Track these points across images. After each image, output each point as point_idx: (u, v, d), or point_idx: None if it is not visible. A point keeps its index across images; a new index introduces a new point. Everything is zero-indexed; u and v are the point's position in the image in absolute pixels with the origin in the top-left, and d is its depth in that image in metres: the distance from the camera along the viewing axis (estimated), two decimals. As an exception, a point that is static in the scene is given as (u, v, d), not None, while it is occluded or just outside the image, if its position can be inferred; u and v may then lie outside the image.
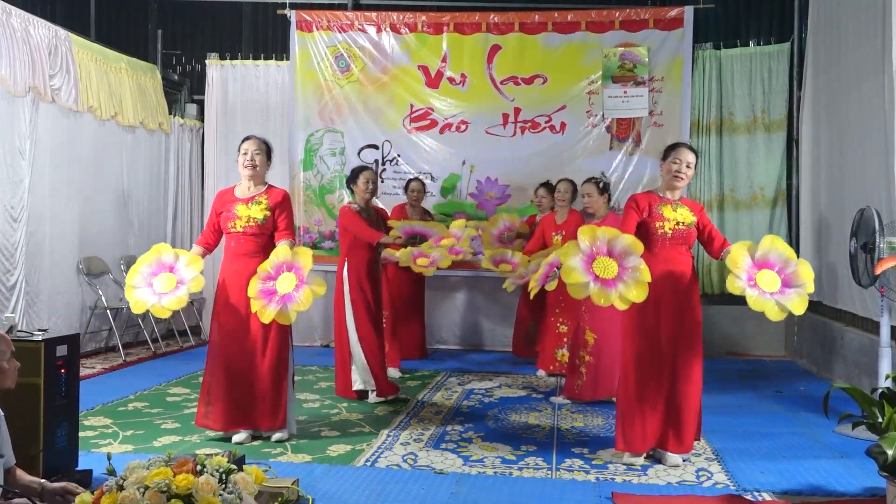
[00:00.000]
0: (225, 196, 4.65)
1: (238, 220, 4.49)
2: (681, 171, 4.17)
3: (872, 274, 4.76)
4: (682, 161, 4.17)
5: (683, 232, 4.15)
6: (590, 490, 3.73)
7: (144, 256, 4.38)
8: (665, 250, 4.14)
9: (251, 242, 4.50)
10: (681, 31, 7.77)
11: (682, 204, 4.22)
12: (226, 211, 4.55)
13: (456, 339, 8.09)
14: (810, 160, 7.34)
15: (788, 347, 7.72)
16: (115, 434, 4.64)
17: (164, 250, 4.39)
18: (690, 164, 4.19)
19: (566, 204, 6.48)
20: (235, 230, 4.50)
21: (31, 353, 3.45)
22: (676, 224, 4.14)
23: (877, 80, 5.56)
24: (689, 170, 4.19)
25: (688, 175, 4.20)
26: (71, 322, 6.93)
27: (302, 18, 8.20)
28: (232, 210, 4.53)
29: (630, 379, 4.15)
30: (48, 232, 6.67)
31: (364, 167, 5.98)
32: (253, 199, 4.54)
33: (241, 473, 2.79)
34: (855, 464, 4.12)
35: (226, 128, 8.48)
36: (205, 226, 4.74)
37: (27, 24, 6.31)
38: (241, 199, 4.56)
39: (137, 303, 4.25)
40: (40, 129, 6.51)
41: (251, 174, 4.57)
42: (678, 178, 4.18)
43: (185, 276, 4.29)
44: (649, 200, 4.19)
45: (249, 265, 4.38)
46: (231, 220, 4.51)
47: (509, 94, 8.01)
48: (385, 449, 4.38)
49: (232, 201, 4.57)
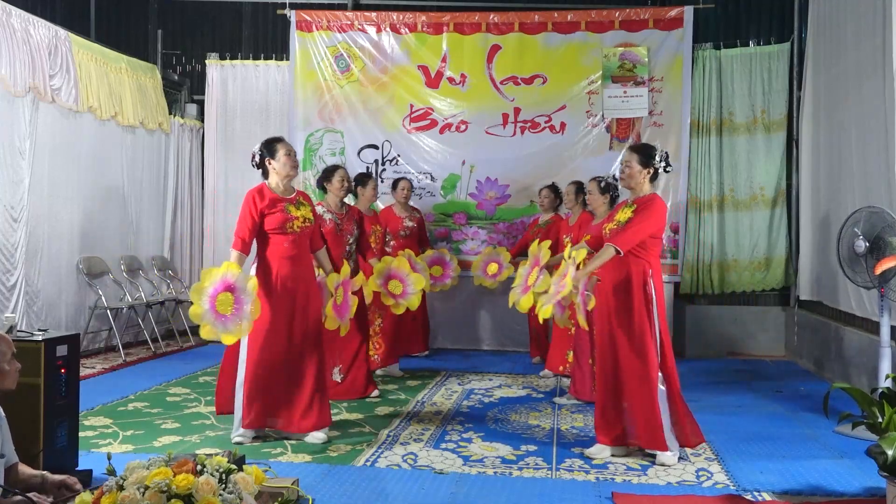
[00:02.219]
0: (266, 196, 4.46)
1: (296, 220, 4.48)
2: (622, 172, 4.35)
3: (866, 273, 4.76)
4: (624, 162, 4.36)
5: (616, 231, 4.24)
6: (590, 490, 3.73)
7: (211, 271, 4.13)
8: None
9: (306, 242, 4.55)
10: (681, 31, 7.78)
11: (634, 204, 4.27)
12: (278, 211, 4.44)
13: (456, 339, 8.09)
14: (810, 160, 7.34)
15: (788, 347, 7.72)
16: (115, 434, 4.64)
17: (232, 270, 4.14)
18: (628, 163, 4.30)
19: (573, 205, 6.49)
20: (293, 230, 4.46)
21: (31, 353, 3.45)
22: (615, 224, 4.28)
23: (877, 80, 5.56)
24: (627, 168, 4.29)
25: (627, 174, 4.29)
26: (71, 322, 6.93)
27: (302, 18, 8.20)
28: (285, 210, 4.46)
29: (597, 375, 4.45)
30: (48, 232, 6.68)
31: (337, 166, 5.95)
32: (296, 200, 4.56)
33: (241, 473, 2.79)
34: (855, 464, 4.12)
35: (226, 128, 8.48)
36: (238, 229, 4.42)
37: (27, 24, 6.31)
38: (287, 199, 4.52)
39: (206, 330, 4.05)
40: (40, 129, 6.51)
41: (295, 175, 4.59)
42: (621, 178, 4.37)
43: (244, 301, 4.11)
44: (620, 205, 4.42)
45: (310, 265, 4.54)
46: (289, 220, 4.45)
47: (509, 94, 8.01)
48: (385, 449, 4.38)
49: (279, 201, 4.48)
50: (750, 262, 7.82)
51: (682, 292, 7.88)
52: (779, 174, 7.82)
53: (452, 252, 7.68)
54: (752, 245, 7.84)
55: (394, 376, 6.46)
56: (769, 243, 7.83)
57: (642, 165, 4.24)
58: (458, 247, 8.01)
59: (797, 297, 7.60)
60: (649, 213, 4.16)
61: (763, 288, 7.87)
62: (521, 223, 7.86)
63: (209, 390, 5.87)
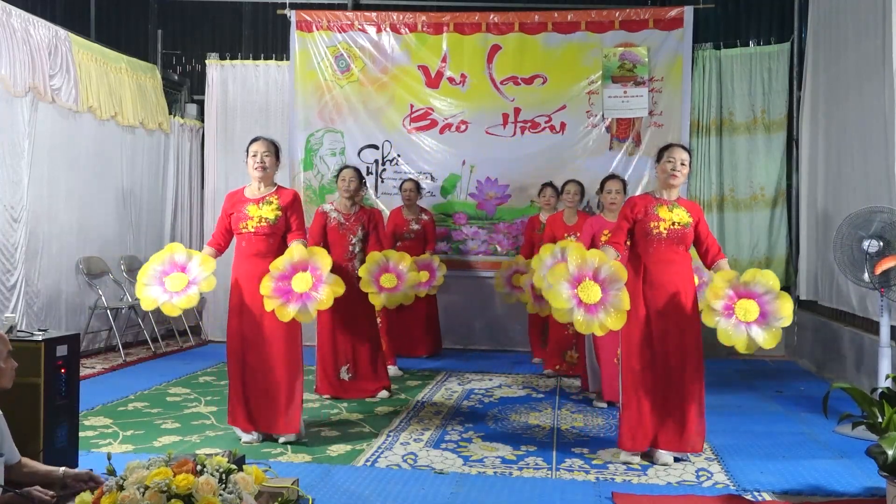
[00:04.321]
0: (235, 197, 4.64)
1: (250, 220, 4.49)
2: (676, 170, 4.19)
3: (873, 273, 4.75)
4: (676, 160, 4.20)
5: (679, 232, 4.17)
6: (590, 490, 3.73)
7: (157, 255, 4.39)
8: (661, 251, 4.17)
9: (262, 242, 4.50)
10: (681, 32, 7.77)
11: (678, 205, 4.23)
12: (237, 212, 4.55)
13: (456, 339, 8.09)
14: (810, 160, 7.34)
15: (788, 347, 7.72)
16: (115, 434, 4.64)
17: (177, 250, 4.41)
18: (685, 163, 4.21)
19: (574, 205, 6.48)
20: (247, 230, 4.50)
21: (31, 353, 3.45)
22: (672, 224, 4.16)
23: (877, 80, 5.55)
24: (683, 167, 4.21)
25: (683, 174, 4.22)
26: (71, 322, 6.93)
27: (302, 18, 8.20)
28: (243, 210, 4.52)
29: (628, 378, 4.17)
30: (48, 232, 6.67)
31: (345, 166, 6.06)
32: (263, 200, 4.54)
33: (241, 473, 2.78)
34: (855, 464, 4.12)
35: (226, 128, 8.48)
36: (215, 227, 4.70)
37: (27, 24, 6.31)
38: (251, 199, 4.56)
39: (147, 300, 4.27)
40: (40, 129, 6.50)
41: (261, 175, 4.55)
42: (674, 176, 4.20)
43: (197, 275, 4.30)
44: (645, 203, 4.23)
45: (261, 265, 4.38)
46: (242, 220, 4.50)
47: (509, 94, 8.00)
48: (385, 449, 4.38)
49: (243, 202, 4.56)
50: (750, 262, 7.80)
51: (682, 292, 7.88)
52: (779, 174, 7.82)
53: (452, 252, 7.68)
54: (752, 245, 7.84)
55: (393, 376, 6.46)
56: (769, 243, 7.83)
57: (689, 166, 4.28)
58: (457, 247, 8.01)
59: (797, 297, 7.60)
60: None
61: (763, 288, 7.86)
62: (522, 223, 7.86)
63: (209, 390, 5.88)
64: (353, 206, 5.83)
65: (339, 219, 5.74)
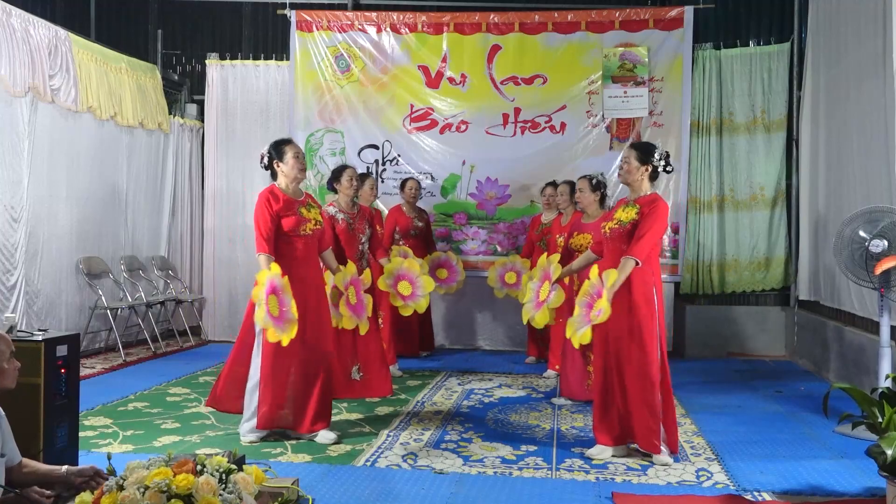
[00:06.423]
0: (280, 198, 4.45)
1: (308, 222, 4.49)
2: (620, 169, 4.38)
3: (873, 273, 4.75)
4: (623, 159, 4.36)
5: (618, 231, 4.23)
6: (590, 490, 3.73)
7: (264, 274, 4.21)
8: (609, 250, 4.31)
9: (315, 245, 4.57)
10: (681, 32, 7.78)
11: (635, 203, 4.25)
12: (292, 214, 4.43)
13: (456, 339, 8.09)
14: (810, 160, 7.34)
15: (788, 347, 7.72)
16: (115, 434, 4.64)
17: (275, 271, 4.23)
18: (627, 160, 4.32)
19: (567, 205, 6.49)
20: (306, 233, 4.47)
21: (31, 353, 3.45)
22: (617, 223, 4.25)
23: (877, 80, 5.55)
24: (626, 165, 4.32)
25: (626, 170, 4.32)
26: (71, 322, 6.93)
27: (302, 18, 8.20)
28: (298, 212, 4.46)
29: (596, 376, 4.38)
30: (48, 232, 6.67)
31: (346, 165, 6.02)
32: (307, 203, 4.56)
33: (241, 473, 2.79)
34: (855, 464, 4.12)
35: (226, 128, 8.47)
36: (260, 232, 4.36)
37: (27, 24, 6.31)
38: (299, 201, 4.53)
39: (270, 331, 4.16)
40: (40, 129, 6.50)
41: (303, 178, 4.60)
42: (619, 175, 4.41)
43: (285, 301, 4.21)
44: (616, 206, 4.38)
45: (318, 268, 4.57)
46: (302, 223, 4.45)
47: (509, 94, 8.01)
48: (385, 449, 4.38)
49: (293, 203, 4.48)
50: (750, 262, 7.82)
51: (681, 292, 7.88)
52: (779, 174, 7.82)
53: (453, 252, 7.68)
54: (752, 245, 7.84)
55: (393, 376, 6.46)
56: (769, 243, 7.83)
57: (640, 162, 4.26)
58: (458, 247, 8.01)
59: (797, 297, 7.60)
60: (656, 216, 4.16)
61: (763, 288, 7.87)
62: (522, 223, 7.86)
63: (209, 390, 5.86)
64: (354, 205, 5.83)
65: (347, 220, 5.71)
